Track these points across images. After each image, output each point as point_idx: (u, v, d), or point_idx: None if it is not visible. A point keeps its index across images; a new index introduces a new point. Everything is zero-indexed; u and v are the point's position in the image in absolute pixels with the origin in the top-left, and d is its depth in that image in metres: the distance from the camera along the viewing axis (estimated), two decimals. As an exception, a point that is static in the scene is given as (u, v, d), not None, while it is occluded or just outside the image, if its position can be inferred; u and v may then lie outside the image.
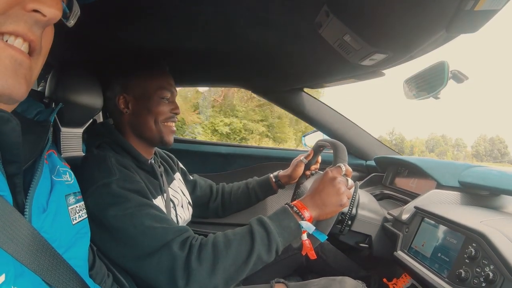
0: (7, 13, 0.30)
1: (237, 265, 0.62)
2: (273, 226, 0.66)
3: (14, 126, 0.33)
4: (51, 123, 0.44)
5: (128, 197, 0.65)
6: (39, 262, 0.34)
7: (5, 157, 0.34)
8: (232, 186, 1.12)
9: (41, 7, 0.32)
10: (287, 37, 0.78)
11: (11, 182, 0.35)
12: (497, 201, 0.88)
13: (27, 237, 0.33)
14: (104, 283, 0.57)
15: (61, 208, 0.44)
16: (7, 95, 0.31)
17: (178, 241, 0.62)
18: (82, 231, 0.47)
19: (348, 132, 1.46)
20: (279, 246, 0.65)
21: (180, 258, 0.60)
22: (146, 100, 0.80)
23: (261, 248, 0.64)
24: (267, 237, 0.65)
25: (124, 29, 0.78)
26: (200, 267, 0.60)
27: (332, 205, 0.69)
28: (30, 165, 0.40)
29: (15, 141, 0.34)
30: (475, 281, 0.59)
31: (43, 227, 0.38)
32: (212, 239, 0.65)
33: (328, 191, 0.70)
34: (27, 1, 0.31)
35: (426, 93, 0.83)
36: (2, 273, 0.29)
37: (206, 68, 1.16)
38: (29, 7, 0.31)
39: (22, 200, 0.36)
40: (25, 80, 0.33)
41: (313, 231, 0.68)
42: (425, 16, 0.52)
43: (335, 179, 0.71)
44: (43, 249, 0.35)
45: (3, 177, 0.33)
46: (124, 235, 0.62)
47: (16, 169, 0.35)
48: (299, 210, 0.68)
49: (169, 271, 0.60)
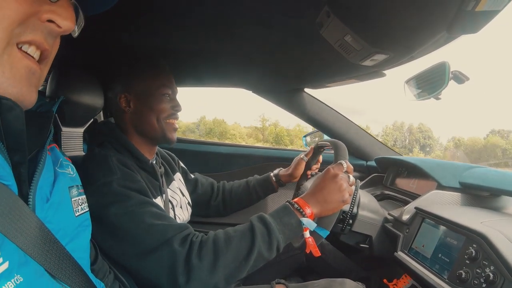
0: (25, 23, 0.32)
1: (238, 262, 0.62)
2: (274, 223, 0.66)
3: (18, 114, 0.33)
4: (53, 113, 0.44)
5: (129, 196, 0.65)
6: (43, 252, 0.34)
7: (9, 146, 0.34)
8: (233, 184, 1.12)
9: (57, 18, 0.34)
10: (288, 38, 0.78)
11: (17, 171, 0.35)
12: (497, 202, 0.88)
13: (32, 227, 0.33)
14: (106, 278, 0.57)
15: (65, 199, 0.44)
16: (20, 102, 0.33)
17: (178, 238, 0.62)
18: (84, 223, 0.47)
19: (348, 132, 1.46)
20: (280, 243, 0.65)
21: (181, 254, 0.60)
22: (148, 98, 0.80)
23: (262, 245, 0.63)
24: (268, 234, 0.65)
25: (124, 29, 0.78)
26: (201, 264, 0.59)
27: (334, 202, 0.70)
28: (33, 156, 0.40)
29: (20, 128, 0.34)
30: (476, 282, 0.59)
31: (46, 217, 0.38)
32: (212, 236, 0.65)
33: (330, 188, 0.70)
34: (42, 12, 0.33)
35: (426, 94, 0.83)
36: (5, 260, 0.29)
37: (206, 68, 1.16)
38: (45, 18, 0.34)
39: (26, 190, 0.36)
40: (35, 88, 0.35)
41: (314, 227, 0.68)
42: (426, 16, 0.52)
43: (336, 176, 0.71)
44: (47, 239, 0.35)
45: (8, 166, 0.33)
46: (125, 233, 0.62)
47: (21, 158, 0.36)
48: (300, 207, 0.68)
49: (169, 267, 0.60)
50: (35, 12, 0.33)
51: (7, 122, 0.33)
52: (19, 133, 0.34)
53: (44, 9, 0.34)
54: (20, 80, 0.33)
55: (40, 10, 0.33)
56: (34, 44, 0.34)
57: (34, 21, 0.33)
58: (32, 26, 0.33)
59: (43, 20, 0.34)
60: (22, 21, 0.32)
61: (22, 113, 0.34)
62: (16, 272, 0.30)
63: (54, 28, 0.35)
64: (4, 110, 0.32)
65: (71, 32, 0.37)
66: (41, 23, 0.34)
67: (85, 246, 0.47)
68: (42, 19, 0.34)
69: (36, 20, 0.33)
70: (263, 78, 1.28)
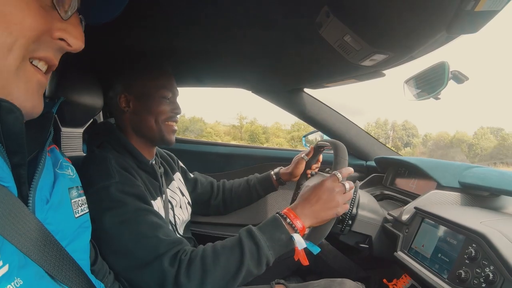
0: (38, 40, 0.33)
1: (226, 280, 0.62)
2: (263, 240, 0.65)
3: (18, 116, 0.33)
4: (53, 115, 0.44)
5: (126, 202, 0.65)
6: (43, 254, 0.34)
7: (9, 148, 0.34)
8: (233, 183, 1.12)
9: (68, 37, 0.36)
10: (288, 38, 0.78)
11: (16, 173, 0.35)
12: (497, 202, 0.88)
13: (32, 228, 0.33)
14: (106, 279, 0.57)
15: (64, 201, 0.44)
16: (31, 113, 0.35)
17: (169, 256, 0.62)
18: (84, 224, 0.47)
19: (348, 132, 1.46)
20: (269, 259, 0.65)
21: (170, 274, 0.61)
22: (147, 99, 0.80)
23: (251, 263, 0.63)
24: (256, 251, 0.64)
25: (124, 29, 0.78)
26: (189, 283, 0.60)
27: (326, 216, 0.69)
28: (33, 157, 0.40)
29: (19, 130, 0.34)
30: (475, 281, 0.59)
31: (46, 219, 0.38)
32: (201, 252, 0.64)
33: (323, 202, 0.69)
34: (54, 30, 0.35)
35: (426, 94, 0.83)
36: (5, 263, 0.29)
37: (206, 68, 1.16)
38: (57, 36, 0.35)
39: (26, 191, 0.36)
40: (43, 98, 0.37)
41: (305, 245, 0.67)
42: (426, 16, 0.52)
43: (331, 190, 0.70)
44: (47, 241, 0.35)
45: (7, 168, 0.33)
46: (119, 243, 0.63)
47: (21, 160, 0.36)
48: (292, 221, 0.67)
49: (159, 285, 0.61)
50: (48, 29, 0.34)
51: (7, 125, 0.33)
52: (19, 135, 0.34)
53: (56, 26, 0.35)
54: (33, 93, 0.35)
55: (52, 28, 0.34)
56: (45, 60, 0.35)
57: (46, 38, 0.34)
58: (45, 43, 0.34)
59: (55, 37, 0.35)
60: (37, 38, 0.33)
61: (22, 115, 0.34)
62: (16, 275, 0.30)
63: (64, 46, 0.36)
64: (4, 112, 0.32)
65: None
66: (53, 40, 0.35)
67: (85, 247, 0.47)
68: (54, 37, 0.35)
69: (48, 37, 0.34)
70: (263, 78, 1.28)
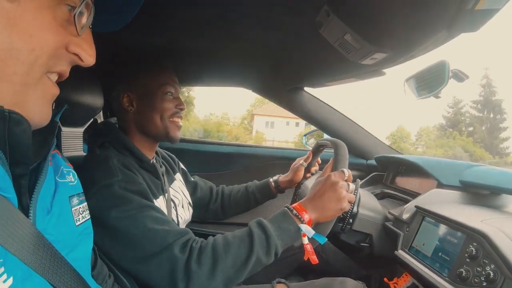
0: (56, 55, 0.34)
1: (236, 267, 0.62)
2: (272, 229, 0.66)
3: (26, 128, 0.33)
4: (57, 123, 0.44)
5: (130, 199, 0.65)
6: (45, 265, 0.34)
7: (13, 158, 0.34)
8: (232, 189, 1.12)
9: (82, 54, 0.36)
10: (288, 37, 0.78)
11: (17, 183, 0.35)
12: (498, 200, 0.88)
13: (32, 239, 0.33)
14: (105, 283, 0.57)
15: (65, 210, 0.44)
16: (39, 124, 0.36)
17: (179, 244, 0.63)
18: (85, 232, 0.47)
19: (348, 131, 1.46)
20: (278, 248, 0.66)
21: (181, 261, 0.61)
22: (150, 97, 0.80)
23: (260, 251, 0.64)
24: (266, 240, 0.65)
25: (125, 28, 0.78)
26: (200, 270, 0.60)
27: (331, 209, 0.70)
28: (35, 167, 0.40)
29: (26, 142, 0.34)
30: (476, 280, 0.59)
31: (47, 229, 0.38)
32: (212, 241, 0.65)
33: (329, 196, 0.70)
34: (70, 44, 0.35)
35: (426, 92, 0.83)
36: (10, 276, 0.29)
37: (206, 68, 1.16)
38: (72, 50, 0.36)
39: (27, 201, 0.36)
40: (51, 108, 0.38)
41: (312, 234, 0.68)
42: (426, 15, 0.51)
43: (337, 184, 0.71)
44: (47, 251, 0.35)
45: (9, 178, 0.33)
46: (126, 237, 0.62)
47: (24, 170, 0.35)
48: (299, 213, 0.68)
49: (169, 273, 0.60)
50: (65, 44, 0.35)
51: (14, 136, 0.33)
52: (26, 147, 0.34)
53: (71, 41, 0.35)
54: (48, 105, 0.36)
55: (68, 42, 0.35)
56: (60, 73, 0.37)
57: (62, 52, 0.35)
58: (61, 57, 0.35)
59: (70, 51, 0.35)
60: (55, 53, 0.34)
61: (30, 127, 0.34)
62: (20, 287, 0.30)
63: (77, 60, 0.37)
64: (12, 124, 0.32)
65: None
66: (67, 54, 0.35)
67: (86, 255, 0.47)
68: (69, 51, 0.35)
69: (63, 50, 0.35)
70: (263, 77, 1.28)
